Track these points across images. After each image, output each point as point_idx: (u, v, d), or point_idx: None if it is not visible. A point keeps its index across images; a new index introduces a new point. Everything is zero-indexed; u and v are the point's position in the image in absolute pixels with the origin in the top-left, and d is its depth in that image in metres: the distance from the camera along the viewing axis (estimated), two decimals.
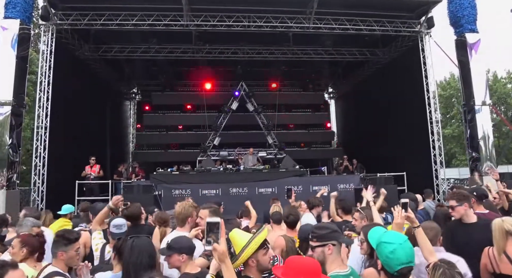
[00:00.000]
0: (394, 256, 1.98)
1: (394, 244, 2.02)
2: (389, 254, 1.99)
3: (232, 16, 11.41)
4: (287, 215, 3.94)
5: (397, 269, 1.96)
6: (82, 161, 11.51)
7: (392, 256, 1.98)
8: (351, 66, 16.95)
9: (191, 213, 3.44)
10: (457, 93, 34.49)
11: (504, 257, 2.84)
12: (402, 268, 1.96)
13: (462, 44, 11.33)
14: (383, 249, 2.03)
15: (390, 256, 1.99)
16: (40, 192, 10.00)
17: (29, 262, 2.93)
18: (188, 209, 3.46)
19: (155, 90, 18.22)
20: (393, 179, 10.83)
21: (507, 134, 30.74)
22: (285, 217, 3.95)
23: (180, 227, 3.45)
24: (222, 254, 1.95)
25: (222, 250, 1.94)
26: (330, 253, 2.28)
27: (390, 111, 14.39)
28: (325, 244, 2.29)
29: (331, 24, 11.75)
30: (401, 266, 1.96)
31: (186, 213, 3.43)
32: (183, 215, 3.43)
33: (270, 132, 16.87)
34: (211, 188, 10.35)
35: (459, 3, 11.21)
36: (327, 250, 2.28)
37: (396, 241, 2.03)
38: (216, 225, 1.95)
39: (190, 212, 3.45)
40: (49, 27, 10.76)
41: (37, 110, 10.43)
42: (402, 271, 1.96)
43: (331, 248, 2.28)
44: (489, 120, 11.26)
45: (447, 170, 12.72)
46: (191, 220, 3.45)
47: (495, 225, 2.93)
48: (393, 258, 1.97)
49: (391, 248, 2.00)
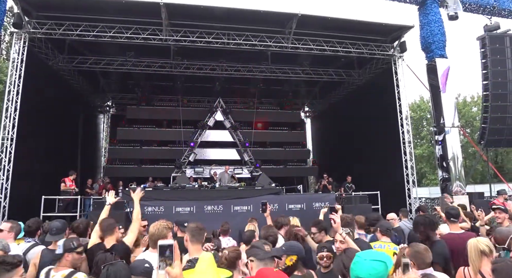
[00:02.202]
0: (354, 266, 2.00)
1: (360, 258, 2.03)
2: (352, 265, 2.02)
3: (211, 33, 11.46)
4: (266, 236, 3.74)
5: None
6: (50, 175, 11.00)
7: (353, 267, 2.00)
8: (327, 86, 17.33)
9: (165, 235, 3.25)
10: (427, 115, 35.94)
11: (479, 277, 2.88)
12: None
13: (432, 69, 11.88)
14: (353, 260, 2.06)
15: (352, 266, 2.02)
16: (2, 208, 9.39)
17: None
18: (162, 231, 3.27)
19: (130, 104, 17.87)
20: (367, 198, 10.96)
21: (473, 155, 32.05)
22: (265, 238, 3.68)
23: (153, 248, 3.25)
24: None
25: (175, 274, 1.87)
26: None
27: (365, 131, 14.72)
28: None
29: (309, 45, 12.02)
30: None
31: (159, 235, 3.24)
32: (156, 236, 3.23)
33: (246, 150, 16.81)
34: (185, 206, 10.06)
35: (430, 29, 11.84)
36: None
37: (365, 257, 2.03)
38: (169, 248, 1.88)
39: (164, 234, 3.26)
40: (21, 35, 10.40)
41: (3, 121, 9.94)
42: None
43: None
44: (458, 142, 11.70)
45: (418, 189, 13.02)
46: None
47: (470, 245, 3.00)
48: (354, 268, 1.99)
49: (356, 259, 2.03)
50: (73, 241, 3.19)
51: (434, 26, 11.79)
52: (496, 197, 9.58)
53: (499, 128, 12.30)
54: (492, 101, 12.19)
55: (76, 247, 3.13)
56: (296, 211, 10.13)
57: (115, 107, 19.78)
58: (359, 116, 15.17)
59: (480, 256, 2.93)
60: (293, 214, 7.19)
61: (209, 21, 11.34)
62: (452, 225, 4.24)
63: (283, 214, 5.75)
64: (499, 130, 12.31)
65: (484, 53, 12.37)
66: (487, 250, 2.94)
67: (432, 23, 11.81)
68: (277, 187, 11.54)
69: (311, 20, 11.32)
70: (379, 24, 12.01)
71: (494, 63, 12.15)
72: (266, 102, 19.50)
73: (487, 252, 2.94)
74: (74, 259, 3.10)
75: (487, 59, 12.21)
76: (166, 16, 10.66)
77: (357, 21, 11.62)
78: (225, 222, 6.29)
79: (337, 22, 11.55)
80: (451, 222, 4.24)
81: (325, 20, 11.34)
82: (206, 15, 11.09)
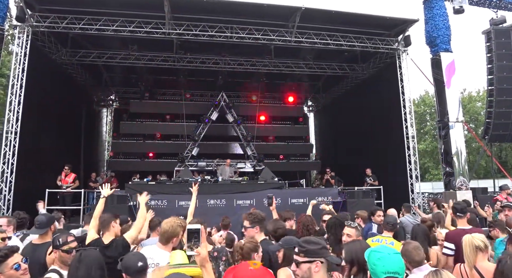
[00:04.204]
0: (380, 262, 2.01)
1: (383, 253, 2.06)
2: (376, 261, 2.03)
3: (214, 26, 11.40)
4: (275, 229, 3.67)
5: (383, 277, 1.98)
6: (54, 169, 11.06)
7: (379, 263, 2.01)
8: (330, 80, 17.24)
9: (178, 234, 3.19)
10: (431, 110, 35.77)
11: (475, 272, 2.90)
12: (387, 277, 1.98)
13: (437, 63, 11.78)
14: (372, 257, 2.07)
15: (376, 262, 2.02)
16: (7, 201, 9.48)
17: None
18: (176, 229, 3.20)
19: (133, 98, 17.87)
20: (370, 193, 10.95)
21: (477, 150, 31.92)
22: (273, 232, 3.66)
23: (162, 244, 3.20)
24: (203, 259, 2.07)
25: (204, 255, 2.05)
26: (318, 271, 2.10)
27: (368, 125, 14.67)
28: (313, 260, 2.11)
29: (312, 39, 11.94)
30: (386, 275, 1.98)
31: (173, 233, 3.18)
32: (169, 234, 3.18)
33: (249, 144, 16.81)
34: (188, 199, 10.02)
35: (434, 23, 11.71)
36: (314, 267, 2.10)
37: (385, 251, 2.08)
38: (197, 232, 2.09)
39: (178, 232, 3.20)
40: (24, 29, 10.39)
41: (7, 114, 9.97)
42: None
43: (318, 265, 2.10)
44: (462, 137, 11.64)
45: (421, 184, 13.00)
46: (176, 240, 3.21)
47: (465, 241, 3.03)
48: (379, 264, 2.00)
49: (379, 255, 2.05)
50: (60, 238, 3.00)
51: (439, 20, 11.66)
52: (499, 192, 9.56)
53: (503, 123, 12.20)
54: (497, 95, 12.08)
55: (62, 245, 2.96)
56: (299, 206, 10.16)
57: (118, 101, 19.80)
58: (363, 111, 15.11)
59: (475, 252, 2.96)
60: (296, 209, 7.20)
61: (212, 15, 11.27)
62: (459, 220, 4.26)
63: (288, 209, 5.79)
64: (504, 125, 12.22)
65: (489, 47, 12.23)
66: (482, 246, 2.97)
67: (437, 17, 11.67)
68: (280, 181, 11.56)
69: (315, 14, 11.22)
70: (383, 17, 11.89)
71: (499, 57, 12.02)
72: (269, 96, 19.43)
73: (482, 248, 2.97)
74: (61, 257, 2.94)
75: (493, 53, 12.08)
76: (169, 9, 10.61)
77: (361, 14, 11.51)
78: (225, 217, 6.33)
79: (341, 16, 11.44)
80: (458, 217, 4.26)
81: (329, 13, 11.23)
82: (209, 9, 11.02)
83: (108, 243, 3.47)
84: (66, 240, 3.00)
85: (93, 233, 3.60)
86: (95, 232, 3.62)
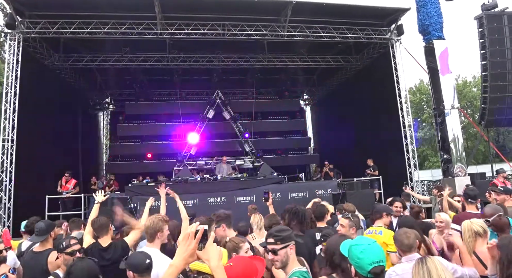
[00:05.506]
0: (364, 255, 2.00)
1: (363, 244, 2.06)
2: (359, 254, 2.02)
3: (206, 24, 11.36)
4: (271, 225, 3.77)
5: (369, 269, 1.97)
6: (53, 175, 11.06)
7: (362, 256, 2.00)
8: (325, 73, 17.22)
9: (160, 228, 3.15)
10: (427, 98, 35.84)
11: (474, 258, 2.93)
12: (374, 268, 1.97)
13: (430, 51, 11.79)
14: (353, 251, 2.05)
15: (360, 256, 2.01)
16: (7, 209, 9.48)
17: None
18: (157, 223, 3.15)
19: (128, 100, 17.81)
20: (369, 184, 11.00)
21: (474, 135, 32.03)
22: (269, 227, 3.71)
23: (150, 242, 3.17)
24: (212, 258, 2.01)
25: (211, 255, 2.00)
26: (292, 253, 2.41)
27: (365, 116, 14.69)
28: (288, 245, 2.40)
29: (305, 32, 11.91)
30: (372, 266, 1.97)
31: (155, 228, 3.13)
32: (151, 229, 3.13)
33: (247, 140, 16.81)
34: (188, 199, 10.11)
35: (426, 11, 11.69)
36: (289, 250, 2.40)
37: (365, 243, 2.09)
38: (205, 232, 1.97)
39: (160, 226, 3.15)
40: (15, 36, 10.34)
41: (2, 123, 9.95)
42: (375, 271, 1.96)
43: (292, 247, 2.42)
44: (458, 123, 11.68)
45: (420, 172, 13.04)
46: (161, 235, 3.17)
47: (464, 226, 3.06)
48: (363, 257, 1.99)
49: (361, 248, 2.04)
50: (63, 242, 3.08)
51: (431, 8, 11.64)
52: (496, 177, 9.60)
53: (499, 108, 12.25)
54: (491, 81, 12.11)
55: (65, 248, 3.03)
56: (299, 199, 10.20)
57: (114, 103, 19.74)
58: (359, 102, 15.12)
59: (474, 237, 2.99)
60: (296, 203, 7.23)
61: (203, 13, 11.23)
62: (469, 205, 4.37)
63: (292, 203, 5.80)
64: (499, 109, 12.27)
65: (482, 32, 12.23)
66: (481, 231, 3.00)
67: (428, 4, 11.65)
68: (279, 176, 11.59)
69: (306, 7, 11.18)
70: (375, 7, 11.85)
71: (492, 42, 12.02)
72: (265, 92, 19.40)
73: (481, 233, 3.00)
74: (66, 260, 2.99)
75: (485, 38, 12.09)
76: (160, 9, 10.55)
77: (352, 5, 11.49)
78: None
79: (332, 8, 11.39)
80: (469, 203, 4.37)
81: (320, 6, 11.19)
82: (200, 7, 10.98)
83: (106, 246, 3.49)
84: (69, 243, 3.08)
85: (88, 239, 3.63)
86: (90, 237, 3.64)
